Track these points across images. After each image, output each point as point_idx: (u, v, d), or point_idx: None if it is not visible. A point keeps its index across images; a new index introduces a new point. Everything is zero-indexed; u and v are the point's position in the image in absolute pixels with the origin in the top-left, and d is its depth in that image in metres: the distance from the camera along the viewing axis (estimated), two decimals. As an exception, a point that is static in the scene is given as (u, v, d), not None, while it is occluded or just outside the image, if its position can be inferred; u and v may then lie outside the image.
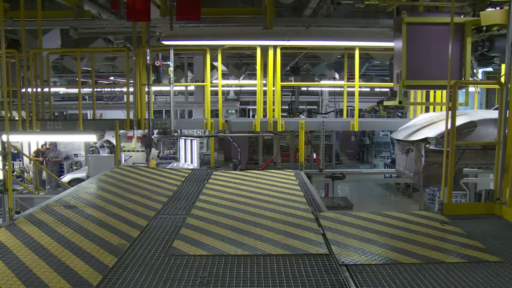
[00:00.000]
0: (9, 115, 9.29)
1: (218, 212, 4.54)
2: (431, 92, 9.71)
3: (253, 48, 9.31)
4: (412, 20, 5.39)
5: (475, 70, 6.94)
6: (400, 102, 5.83)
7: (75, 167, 15.72)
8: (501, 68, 7.81)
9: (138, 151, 14.50)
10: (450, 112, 4.47)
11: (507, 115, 4.39)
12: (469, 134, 5.13)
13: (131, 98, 9.58)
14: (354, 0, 6.27)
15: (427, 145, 5.41)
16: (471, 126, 5.17)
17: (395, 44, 5.71)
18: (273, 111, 9.66)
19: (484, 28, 5.44)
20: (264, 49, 8.86)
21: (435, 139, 5.18)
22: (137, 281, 2.99)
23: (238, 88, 23.12)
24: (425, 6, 5.88)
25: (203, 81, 10.28)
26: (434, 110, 9.65)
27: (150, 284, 2.94)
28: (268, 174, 6.57)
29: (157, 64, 11.36)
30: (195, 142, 13.58)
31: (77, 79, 9.95)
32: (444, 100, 9.58)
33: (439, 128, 5.37)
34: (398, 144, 6.46)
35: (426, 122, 6.15)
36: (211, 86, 10.01)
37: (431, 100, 9.45)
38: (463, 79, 5.58)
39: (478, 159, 5.20)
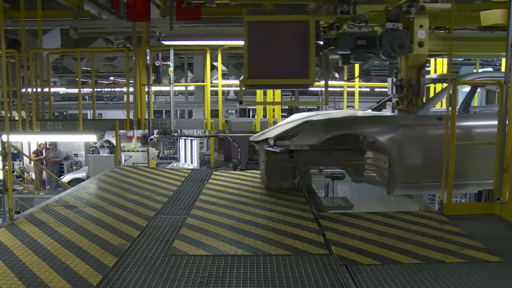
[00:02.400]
0: (9, 115, 9.30)
1: (218, 212, 4.54)
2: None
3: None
4: (254, 19, 5.21)
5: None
6: (240, 102, 5.81)
7: (75, 167, 15.73)
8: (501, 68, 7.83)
9: (138, 151, 14.49)
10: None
11: (507, 115, 4.39)
12: (295, 136, 5.08)
13: (131, 98, 9.60)
14: (205, 0, 6.28)
15: (265, 146, 5.39)
16: (298, 130, 5.14)
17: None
18: (273, 111, 9.67)
19: (336, 25, 5.48)
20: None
21: (273, 140, 5.16)
22: (137, 281, 2.99)
23: (238, 88, 23.13)
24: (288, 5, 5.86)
25: (203, 81, 10.31)
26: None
27: (150, 284, 2.94)
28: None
29: (157, 64, 11.37)
30: (195, 142, 13.57)
31: (77, 79, 9.96)
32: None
33: (284, 128, 5.34)
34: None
35: (283, 122, 6.10)
36: (211, 86, 10.02)
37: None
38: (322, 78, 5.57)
39: (324, 160, 5.18)
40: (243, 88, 5.53)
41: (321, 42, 5.32)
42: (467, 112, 6.29)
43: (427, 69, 11.98)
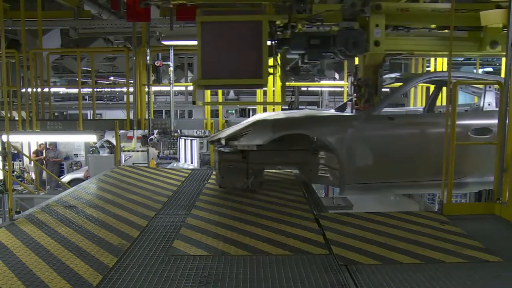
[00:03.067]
0: (9, 115, 9.30)
1: (218, 212, 4.54)
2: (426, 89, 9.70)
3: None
4: (208, 19, 5.19)
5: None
6: (193, 103, 5.81)
7: (75, 167, 15.72)
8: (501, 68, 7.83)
9: (138, 151, 14.50)
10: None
11: (507, 115, 4.39)
12: (243, 137, 5.06)
13: (131, 98, 9.59)
14: (162, 0, 6.28)
15: (217, 146, 5.38)
16: (247, 130, 5.12)
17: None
18: (273, 110, 9.66)
19: (291, 25, 5.44)
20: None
21: (224, 140, 5.15)
22: (137, 281, 2.99)
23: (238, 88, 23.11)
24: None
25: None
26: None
27: (150, 284, 2.94)
28: (268, 174, 6.56)
29: (157, 64, 11.38)
30: (195, 142, 13.58)
31: (77, 79, 9.95)
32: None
33: (236, 129, 5.33)
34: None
35: (243, 123, 6.11)
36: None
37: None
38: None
39: (277, 160, 5.16)
40: (197, 89, 5.53)
41: (276, 42, 5.34)
42: (432, 111, 6.29)
43: (427, 68, 11.98)
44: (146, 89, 9.37)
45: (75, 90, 12.33)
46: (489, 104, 5.08)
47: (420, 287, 2.90)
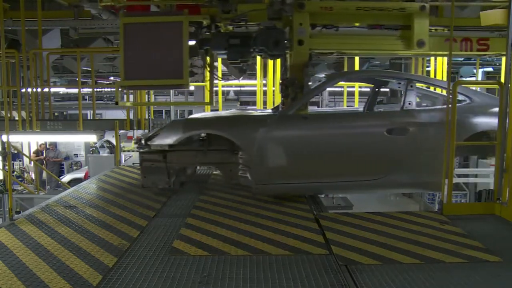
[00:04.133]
0: (9, 115, 9.29)
1: (218, 212, 4.54)
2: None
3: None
4: (130, 21, 5.20)
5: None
6: (116, 103, 5.81)
7: (75, 167, 15.71)
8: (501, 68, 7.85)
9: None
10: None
11: (507, 115, 4.39)
12: (155, 136, 5.08)
13: (131, 98, 9.59)
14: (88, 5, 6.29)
15: (137, 146, 5.40)
16: (161, 130, 5.16)
17: None
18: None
19: (215, 25, 5.56)
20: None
21: (144, 140, 5.15)
22: (137, 281, 2.99)
23: (238, 88, 23.12)
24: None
25: (203, 81, 10.28)
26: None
27: (150, 284, 2.94)
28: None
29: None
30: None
31: (77, 79, 9.95)
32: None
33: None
34: None
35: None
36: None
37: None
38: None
39: (198, 160, 5.14)
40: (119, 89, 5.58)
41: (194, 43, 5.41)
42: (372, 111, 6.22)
43: (427, 68, 11.97)
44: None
45: (75, 90, 12.33)
46: (409, 104, 5.00)
47: (420, 287, 2.90)
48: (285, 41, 5.31)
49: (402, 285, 2.93)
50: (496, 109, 4.67)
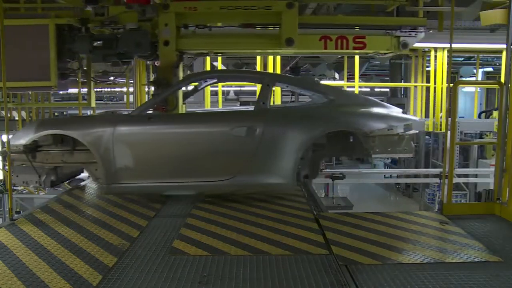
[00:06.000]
0: (9, 115, 9.29)
1: (218, 212, 4.54)
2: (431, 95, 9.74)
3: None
4: (8, 23, 5.08)
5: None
6: None
7: (75, 167, 15.68)
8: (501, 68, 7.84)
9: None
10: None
11: (507, 115, 4.39)
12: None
13: (131, 98, 9.59)
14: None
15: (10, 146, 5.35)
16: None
17: None
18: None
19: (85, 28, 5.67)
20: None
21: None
22: (137, 281, 2.99)
23: (238, 88, 23.13)
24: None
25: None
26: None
27: (150, 284, 2.94)
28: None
29: (157, 64, 11.34)
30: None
31: (77, 79, 9.93)
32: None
33: None
34: None
35: None
36: (211, 86, 10.00)
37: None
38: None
39: (64, 160, 5.07)
40: None
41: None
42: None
43: (427, 68, 11.97)
44: (146, 89, 9.36)
45: (75, 90, 12.31)
46: (263, 103, 4.83)
47: (420, 287, 2.90)
48: (149, 43, 5.38)
49: (402, 285, 2.93)
50: (358, 108, 4.73)
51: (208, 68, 9.60)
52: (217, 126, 4.77)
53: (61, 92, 22.52)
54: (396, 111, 4.90)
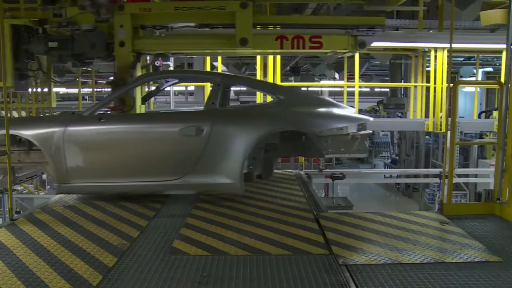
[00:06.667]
0: (9, 115, 9.29)
1: (218, 212, 4.54)
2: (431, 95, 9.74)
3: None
4: None
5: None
6: None
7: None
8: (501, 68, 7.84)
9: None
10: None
11: (507, 115, 4.39)
12: None
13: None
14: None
15: None
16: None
17: None
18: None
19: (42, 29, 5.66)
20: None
21: None
22: (137, 281, 2.99)
23: (238, 88, 23.15)
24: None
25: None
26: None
27: (150, 284, 2.94)
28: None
29: (157, 64, 11.33)
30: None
31: (77, 79, 9.95)
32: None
33: None
34: None
35: None
36: (211, 86, 10.00)
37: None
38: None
39: (21, 159, 5.05)
40: None
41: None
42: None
43: (427, 68, 11.97)
44: (146, 89, 9.35)
45: (75, 90, 12.33)
46: (212, 103, 4.83)
47: (420, 287, 2.90)
48: (104, 44, 5.37)
49: (402, 285, 2.93)
50: (309, 108, 4.72)
51: (208, 68, 9.59)
52: (166, 126, 4.79)
53: (61, 92, 22.53)
54: (350, 111, 4.92)
